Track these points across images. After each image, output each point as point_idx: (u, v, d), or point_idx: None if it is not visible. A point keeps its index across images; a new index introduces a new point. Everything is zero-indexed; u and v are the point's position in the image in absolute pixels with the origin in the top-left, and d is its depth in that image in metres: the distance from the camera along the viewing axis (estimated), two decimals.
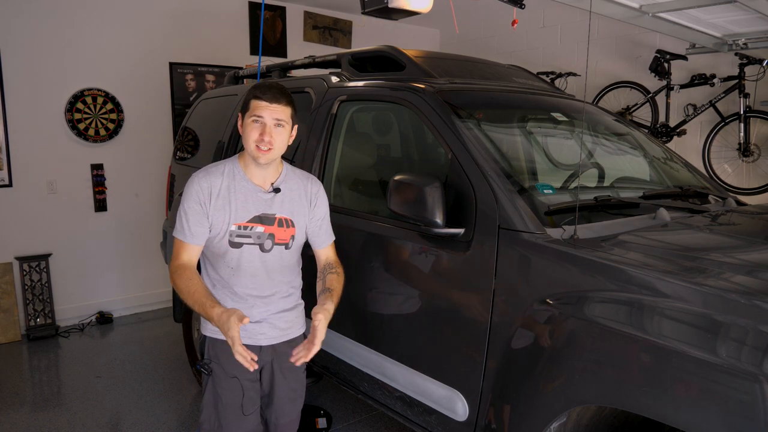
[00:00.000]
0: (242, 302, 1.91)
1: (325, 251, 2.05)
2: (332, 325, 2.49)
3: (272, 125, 1.80)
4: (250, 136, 1.80)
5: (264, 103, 1.79)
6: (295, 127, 1.91)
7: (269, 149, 1.80)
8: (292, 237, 1.92)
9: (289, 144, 1.90)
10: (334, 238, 2.08)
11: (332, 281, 1.94)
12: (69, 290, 4.72)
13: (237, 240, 1.85)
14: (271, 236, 1.87)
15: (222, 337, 1.91)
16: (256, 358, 1.68)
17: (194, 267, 1.85)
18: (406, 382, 2.14)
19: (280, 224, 1.89)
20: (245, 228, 1.85)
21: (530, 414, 1.66)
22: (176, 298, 3.53)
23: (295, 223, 1.93)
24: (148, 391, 3.51)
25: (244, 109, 1.85)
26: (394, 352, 2.20)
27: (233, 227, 1.84)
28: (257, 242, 1.85)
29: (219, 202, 1.83)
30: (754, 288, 1.41)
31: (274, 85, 1.86)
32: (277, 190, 1.90)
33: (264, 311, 1.94)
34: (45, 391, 3.58)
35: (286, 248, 1.92)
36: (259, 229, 1.85)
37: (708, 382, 1.30)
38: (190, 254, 1.85)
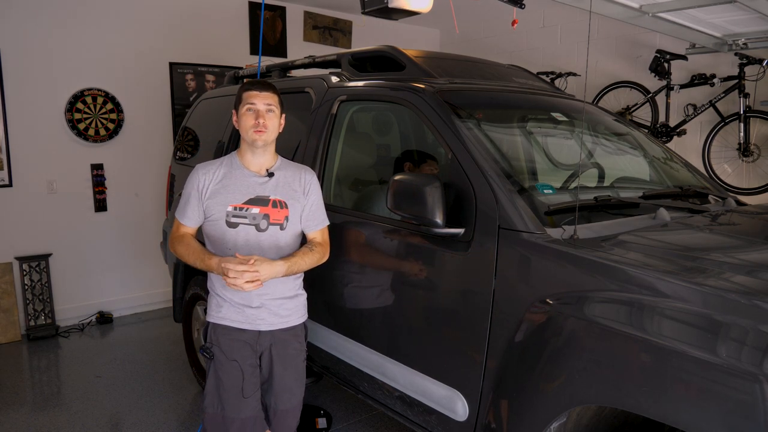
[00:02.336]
0: None
1: (313, 234, 2.14)
2: (333, 325, 2.50)
3: (264, 110, 2.00)
4: (247, 122, 2.00)
5: (255, 92, 2.01)
6: (283, 116, 2.11)
7: (264, 131, 1.99)
8: (286, 218, 2.04)
9: (280, 131, 2.08)
10: (326, 224, 2.17)
11: (300, 251, 2.03)
12: (69, 290, 4.72)
13: (233, 220, 2.00)
14: (266, 216, 2.00)
15: (223, 322, 2.03)
16: (252, 261, 1.83)
17: (192, 235, 2.08)
18: (406, 382, 2.14)
19: (275, 205, 2.02)
20: (241, 209, 2.00)
21: (530, 414, 1.66)
22: (176, 297, 3.53)
23: (289, 206, 2.05)
24: (148, 391, 3.51)
25: (237, 103, 2.05)
26: (394, 351, 2.20)
27: (230, 208, 2.01)
28: (253, 222, 1.99)
29: (216, 186, 2.02)
30: (754, 288, 1.41)
31: (260, 80, 2.12)
32: (271, 175, 2.06)
33: (262, 293, 2.00)
34: (45, 391, 3.58)
35: (281, 228, 2.03)
36: (254, 210, 2.00)
37: (708, 382, 1.30)
38: (186, 230, 2.08)
